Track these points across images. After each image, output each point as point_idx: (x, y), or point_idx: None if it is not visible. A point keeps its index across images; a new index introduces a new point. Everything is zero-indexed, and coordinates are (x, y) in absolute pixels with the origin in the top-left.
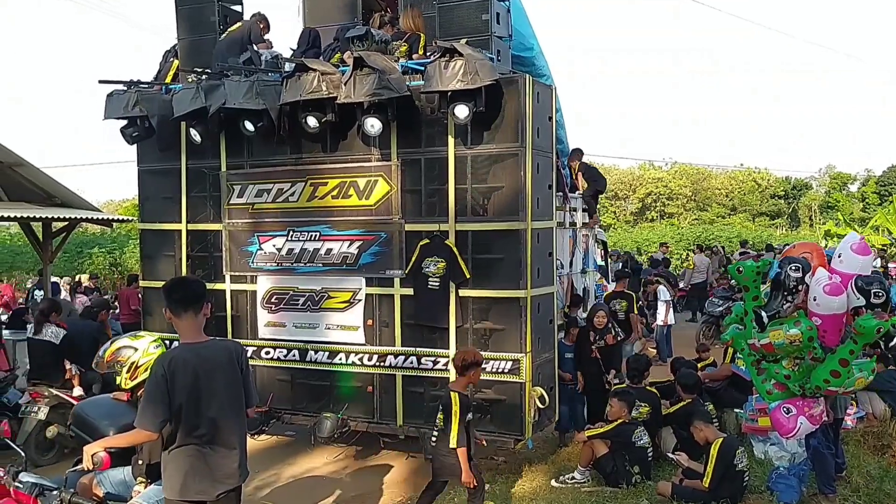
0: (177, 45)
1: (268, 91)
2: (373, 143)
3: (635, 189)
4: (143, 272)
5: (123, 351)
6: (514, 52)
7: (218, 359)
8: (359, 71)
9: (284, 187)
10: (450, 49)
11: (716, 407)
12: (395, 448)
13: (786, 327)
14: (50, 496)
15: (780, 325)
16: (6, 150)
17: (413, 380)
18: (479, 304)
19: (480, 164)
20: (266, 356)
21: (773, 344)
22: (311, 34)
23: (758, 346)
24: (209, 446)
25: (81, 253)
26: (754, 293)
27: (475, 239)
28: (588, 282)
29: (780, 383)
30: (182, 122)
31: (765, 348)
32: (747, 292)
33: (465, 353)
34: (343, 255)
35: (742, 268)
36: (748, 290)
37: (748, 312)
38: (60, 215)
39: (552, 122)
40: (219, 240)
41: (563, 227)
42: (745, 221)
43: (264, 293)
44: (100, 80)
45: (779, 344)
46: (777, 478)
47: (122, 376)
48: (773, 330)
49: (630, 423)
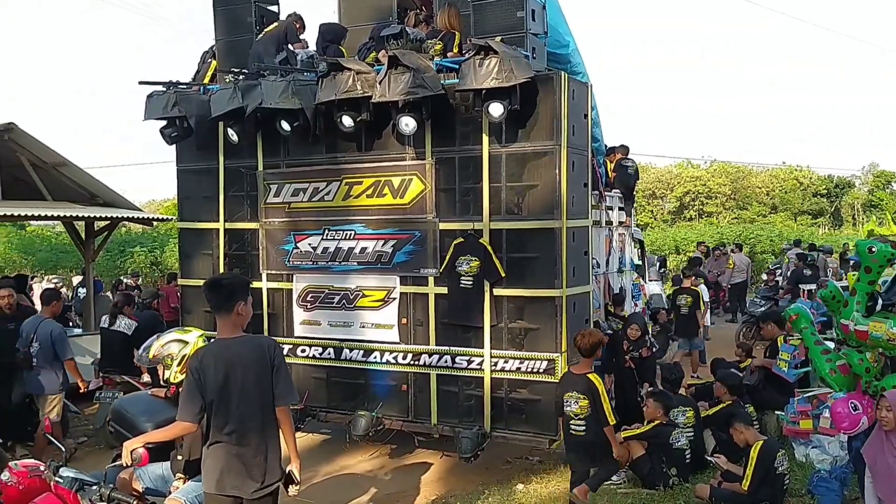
0: (214, 46)
1: (304, 91)
2: (407, 142)
3: (673, 188)
4: (182, 270)
5: (173, 345)
6: (550, 49)
7: (249, 355)
8: (393, 70)
9: (320, 186)
10: (484, 47)
11: (756, 409)
12: (430, 447)
13: (890, 323)
14: (89, 491)
15: (885, 319)
16: (50, 151)
17: (447, 379)
18: (514, 303)
19: (515, 162)
20: (302, 354)
21: (871, 335)
22: (320, 29)
23: (851, 329)
24: (238, 443)
25: (124, 252)
26: (874, 277)
27: (509, 238)
28: (625, 281)
29: (844, 367)
30: (220, 122)
31: (858, 335)
32: (868, 273)
33: (588, 334)
34: (378, 254)
35: (875, 247)
36: (870, 271)
37: (857, 292)
38: (102, 214)
39: (588, 120)
40: (256, 238)
41: (600, 226)
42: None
43: (300, 291)
44: (139, 82)
45: (876, 336)
46: (818, 481)
47: (172, 370)
48: (877, 321)
49: (667, 424)
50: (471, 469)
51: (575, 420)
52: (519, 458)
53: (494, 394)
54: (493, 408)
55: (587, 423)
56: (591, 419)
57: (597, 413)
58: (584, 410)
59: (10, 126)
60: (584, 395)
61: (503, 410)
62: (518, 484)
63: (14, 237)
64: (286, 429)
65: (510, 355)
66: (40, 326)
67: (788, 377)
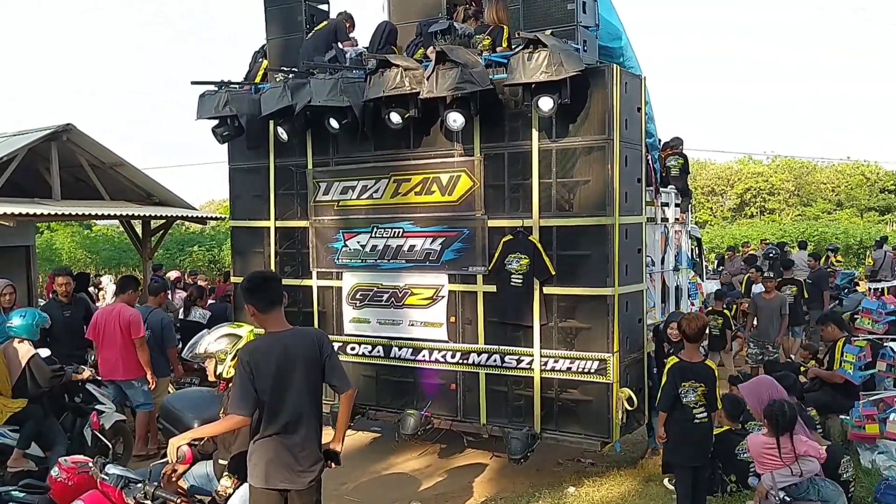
0: (265, 46)
1: (352, 88)
2: (455, 139)
3: (733, 184)
4: (234, 268)
5: (225, 340)
6: (602, 42)
7: (300, 347)
8: (441, 65)
9: (369, 184)
10: (534, 40)
11: (819, 413)
12: (480, 447)
13: None
14: (134, 488)
15: None
16: (107, 151)
17: (497, 378)
18: (565, 301)
19: (566, 157)
20: (351, 352)
21: None
22: (386, 28)
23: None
24: (290, 436)
25: (182, 250)
26: None
27: (560, 235)
28: (681, 280)
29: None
30: (270, 121)
31: None
32: None
33: (693, 318)
34: (426, 252)
35: None
36: None
37: None
38: (158, 213)
39: (641, 114)
40: (306, 236)
41: (654, 223)
42: (853, 217)
43: (349, 289)
44: (192, 82)
45: None
46: (886, 488)
47: (226, 365)
48: None
49: (736, 432)
50: (521, 470)
51: (696, 409)
52: (570, 461)
53: (544, 394)
54: (543, 408)
55: (706, 410)
56: (708, 407)
57: (713, 399)
58: (702, 398)
59: (68, 127)
60: (702, 384)
61: (553, 411)
62: (569, 487)
63: (79, 237)
64: (344, 414)
65: (560, 355)
66: (150, 315)
67: (854, 379)
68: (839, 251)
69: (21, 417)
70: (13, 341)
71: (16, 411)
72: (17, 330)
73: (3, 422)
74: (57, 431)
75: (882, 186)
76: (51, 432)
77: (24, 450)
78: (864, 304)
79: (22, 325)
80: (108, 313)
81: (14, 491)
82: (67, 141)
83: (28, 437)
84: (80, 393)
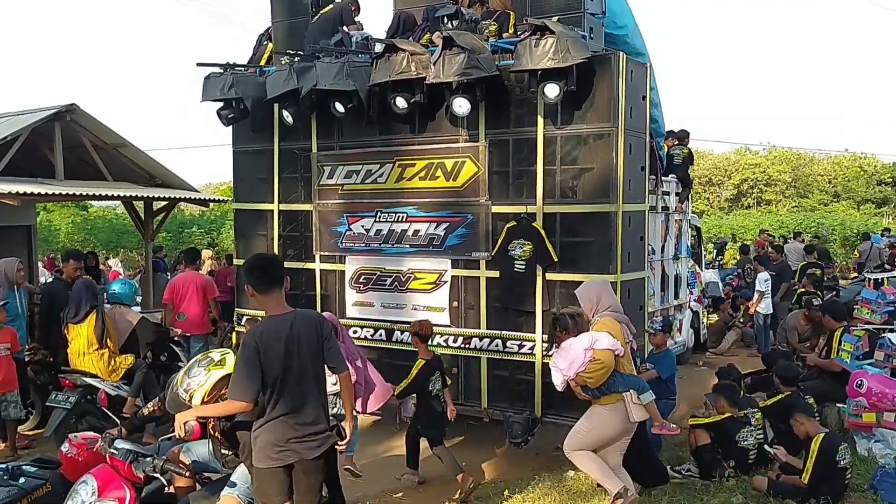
0: (270, 29)
1: (357, 72)
2: (461, 124)
3: (730, 175)
4: (238, 251)
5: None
6: (607, 30)
7: (303, 328)
8: (448, 50)
9: (373, 168)
10: (540, 27)
11: (817, 402)
12: (481, 431)
13: None
14: (143, 462)
15: None
16: (110, 132)
17: (498, 363)
18: (567, 288)
19: (570, 144)
20: (354, 335)
21: None
22: (400, 18)
23: None
24: (298, 416)
25: (181, 233)
26: None
27: (563, 221)
28: (680, 268)
29: None
30: (275, 104)
31: None
32: None
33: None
34: (430, 237)
35: None
36: None
37: None
38: (160, 195)
39: (646, 102)
40: (309, 220)
41: (656, 212)
42: (849, 209)
43: (352, 273)
44: (197, 63)
45: None
46: (882, 476)
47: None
48: None
49: (737, 419)
50: (521, 454)
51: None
52: None
53: (546, 379)
54: (544, 393)
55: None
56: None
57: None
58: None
59: (72, 107)
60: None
61: (554, 396)
62: (569, 470)
63: (78, 218)
64: (347, 396)
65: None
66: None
67: (851, 368)
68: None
69: (131, 371)
70: (116, 307)
71: (129, 367)
72: (120, 297)
73: (120, 377)
74: (154, 384)
75: (879, 179)
76: (150, 385)
77: (135, 398)
78: (863, 294)
79: (124, 292)
80: (185, 279)
81: (26, 466)
82: (71, 121)
83: (138, 388)
84: (164, 352)
